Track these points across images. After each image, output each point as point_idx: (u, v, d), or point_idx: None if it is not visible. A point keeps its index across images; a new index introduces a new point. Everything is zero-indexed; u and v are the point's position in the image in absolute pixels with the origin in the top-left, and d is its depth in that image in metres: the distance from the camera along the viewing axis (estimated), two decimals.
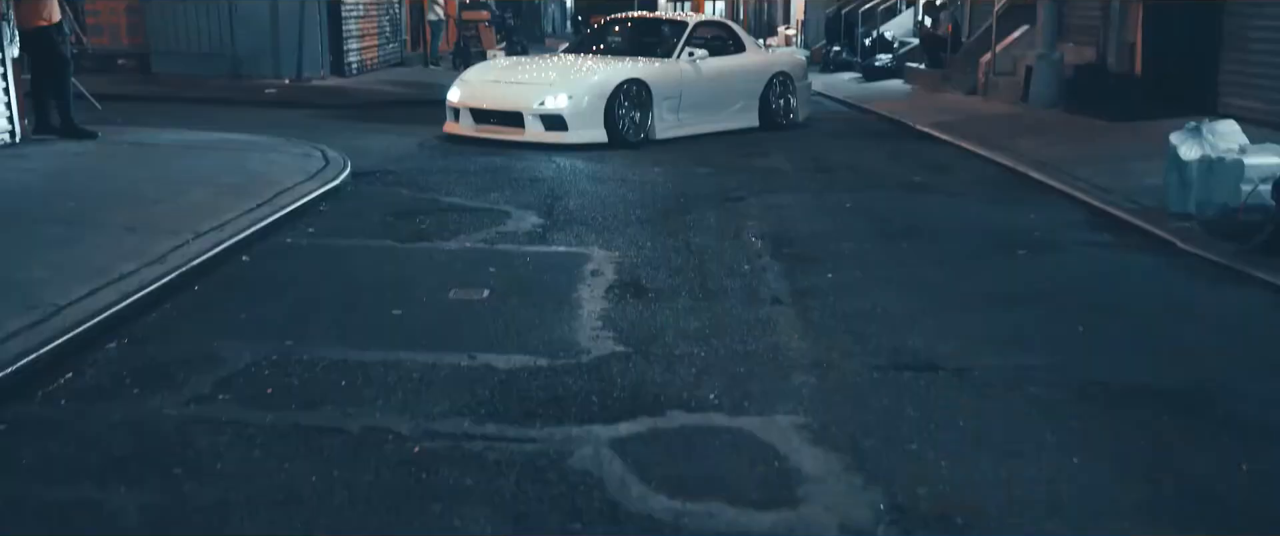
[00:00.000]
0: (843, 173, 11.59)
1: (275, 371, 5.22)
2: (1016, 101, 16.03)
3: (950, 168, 12.03)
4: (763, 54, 15.61)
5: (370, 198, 9.57)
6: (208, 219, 7.76)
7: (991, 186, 10.91)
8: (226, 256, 7.17)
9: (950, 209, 9.81)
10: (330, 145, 11.51)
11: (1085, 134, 13.08)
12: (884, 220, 9.15)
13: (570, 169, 11.28)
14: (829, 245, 8.15)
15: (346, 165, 10.35)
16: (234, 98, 16.91)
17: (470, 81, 13.61)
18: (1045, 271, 7.58)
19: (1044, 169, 11.18)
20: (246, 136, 11.80)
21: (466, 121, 13.13)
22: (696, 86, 13.77)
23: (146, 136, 11.42)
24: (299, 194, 8.95)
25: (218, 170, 9.66)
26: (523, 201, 9.50)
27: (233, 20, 18.54)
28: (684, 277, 7.10)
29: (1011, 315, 6.45)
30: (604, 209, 9.28)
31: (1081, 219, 9.30)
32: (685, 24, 14.69)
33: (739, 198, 9.98)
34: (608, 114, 12.65)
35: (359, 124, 14.55)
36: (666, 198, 9.89)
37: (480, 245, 7.89)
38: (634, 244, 8.01)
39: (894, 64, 22.24)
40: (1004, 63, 17.51)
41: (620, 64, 13.45)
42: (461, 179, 10.53)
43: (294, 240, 7.90)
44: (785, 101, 15.08)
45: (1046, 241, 8.42)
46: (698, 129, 13.81)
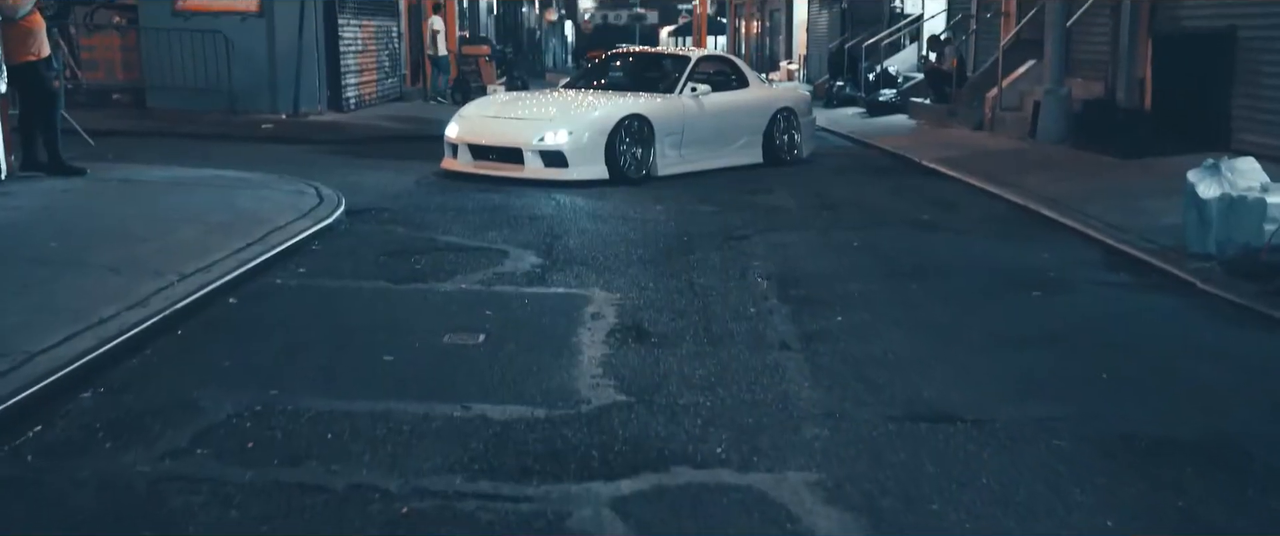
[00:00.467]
0: (848, 210, 11.33)
1: (257, 423, 4.94)
2: (1024, 137, 15.80)
3: (958, 205, 11.78)
4: (766, 89, 15.39)
5: (364, 236, 9.31)
6: (195, 259, 7.50)
7: (1001, 224, 10.66)
8: (213, 298, 6.90)
9: (959, 247, 9.56)
10: (325, 182, 11.26)
11: (1095, 170, 12.84)
12: (892, 259, 8.88)
13: (570, 206, 11.03)
14: (836, 286, 7.88)
15: (341, 202, 10.10)
16: (229, 133, 16.67)
17: (469, 117, 13.38)
18: (1061, 313, 7.31)
19: (1055, 206, 10.93)
20: (239, 173, 11.56)
21: (465, 157, 12.89)
22: (699, 122, 13.54)
23: (136, 173, 11.17)
24: (291, 232, 8.70)
25: (208, 208, 9.41)
26: (521, 240, 9.24)
27: (229, 55, 18.31)
28: (688, 321, 6.84)
29: (1029, 360, 6.17)
30: (605, 248, 9.02)
31: (1096, 258, 9.04)
32: (688, 58, 14.47)
33: (743, 236, 9.72)
34: (609, 150, 12.42)
35: (355, 160, 14.31)
36: (669, 236, 9.64)
37: (477, 286, 7.63)
38: (636, 285, 7.75)
39: (898, 99, 22.04)
40: (1010, 97, 17.29)
41: (622, 99, 13.22)
42: (459, 217, 10.28)
43: (284, 281, 7.64)
44: (789, 137, 14.84)
45: (1061, 281, 8.16)
46: (700, 165, 13.57)
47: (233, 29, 18.51)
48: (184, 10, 18.73)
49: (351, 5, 20.58)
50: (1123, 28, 15.16)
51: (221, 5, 18.79)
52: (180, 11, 18.72)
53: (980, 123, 17.73)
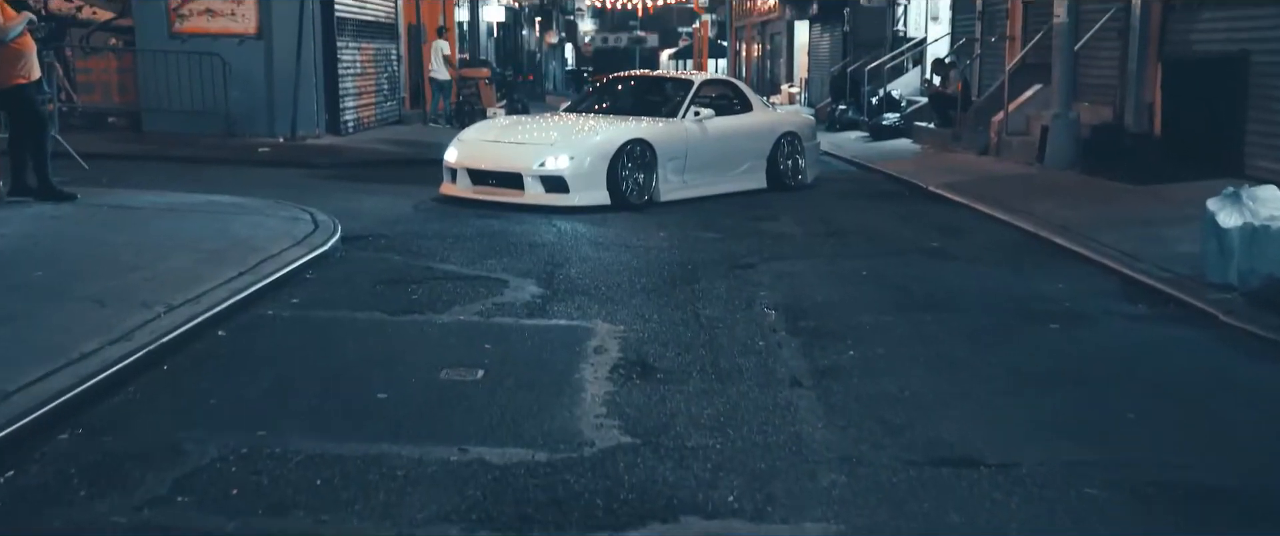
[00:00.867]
0: (855, 237, 11.09)
1: (243, 467, 4.69)
2: (1031, 162, 15.57)
3: (967, 231, 11.53)
4: (770, 113, 15.16)
5: (360, 264, 9.06)
6: (184, 289, 7.25)
7: (1013, 252, 10.40)
8: (201, 331, 6.64)
9: (972, 277, 9.30)
10: (321, 207, 11.02)
11: (1105, 197, 12.60)
12: (903, 289, 8.63)
13: (571, 233, 10.79)
14: (847, 317, 7.63)
15: (337, 229, 9.85)
16: (226, 157, 16.44)
17: (468, 141, 13.14)
18: (1082, 347, 7.05)
19: (1066, 233, 10.68)
20: (234, 198, 11.31)
21: (464, 182, 12.65)
22: (702, 147, 13.30)
23: (128, 198, 10.92)
24: (284, 261, 8.44)
25: (200, 235, 9.15)
26: (521, 269, 8.99)
27: (226, 78, 18.08)
28: (694, 355, 6.58)
29: (1052, 399, 5.92)
30: (607, 277, 8.77)
31: (1113, 288, 8.79)
32: (691, 82, 14.24)
33: (749, 264, 9.47)
34: (610, 175, 12.18)
35: (353, 184, 14.07)
36: (673, 264, 9.38)
37: (475, 318, 7.38)
38: (639, 316, 7.50)
39: (902, 123, 21.82)
40: (1016, 122, 17.07)
41: (623, 124, 12.99)
42: (457, 244, 10.03)
43: (276, 312, 7.38)
44: (793, 162, 14.61)
45: (1078, 313, 7.91)
46: (704, 191, 13.33)
47: (230, 51, 18.29)
48: (181, 33, 18.52)
49: (350, 28, 20.37)
50: (1131, 52, 14.95)
51: (219, 28, 18.58)
52: (177, 34, 18.51)
53: (986, 147, 17.50)
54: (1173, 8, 14.49)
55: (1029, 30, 18.82)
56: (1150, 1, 14.67)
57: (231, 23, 18.59)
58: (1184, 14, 14.27)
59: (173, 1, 18.54)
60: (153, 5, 18.43)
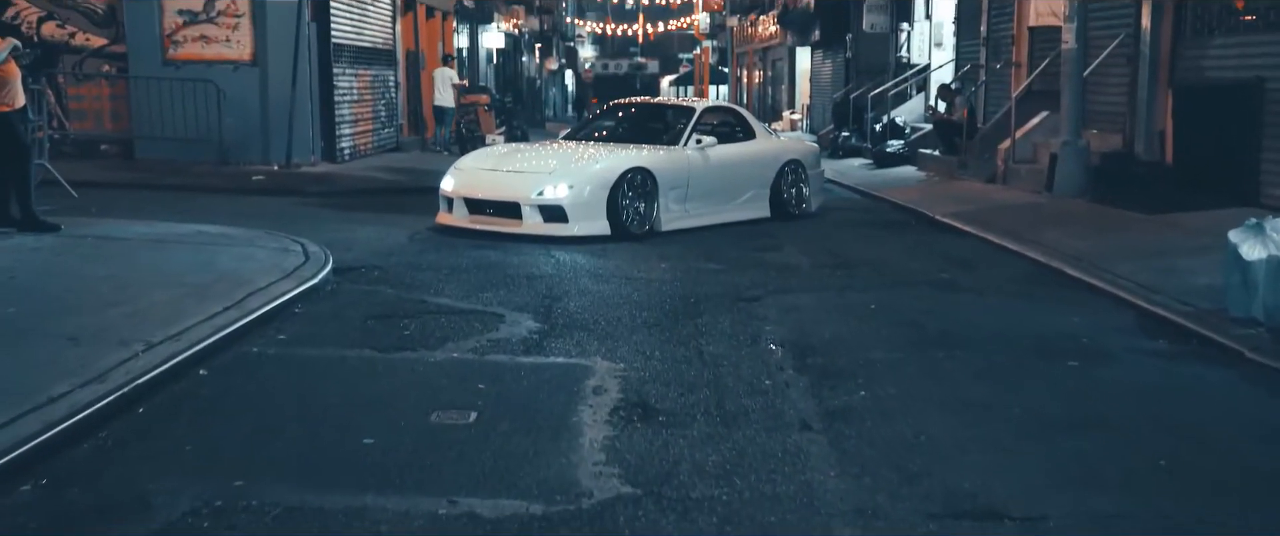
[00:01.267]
0: (862, 268, 10.78)
1: (216, 523, 4.37)
2: (1039, 190, 15.27)
3: (977, 263, 11.23)
4: (773, 141, 14.87)
5: (351, 298, 8.75)
6: (165, 325, 6.94)
7: (1025, 284, 10.09)
8: (181, 371, 6.33)
9: (984, 310, 8.99)
10: (313, 237, 10.75)
11: (1118, 226, 12.29)
12: (914, 324, 8.32)
13: (570, 265, 10.49)
14: (857, 354, 7.32)
15: (328, 261, 9.56)
16: (219, 185, 16.17)
17: (465, 169, 12.85)
18: (1103, 387, 6.73)
19: (1079, 264, 10.38)
20: (224, 228, 11.02)
21: (460, 212, 12.36)
22: (705, 175, 13.02)
23: (114, 229, 10.62)
24: (271, 295, 8.14)
25: (185, 268, 8.85)
26: (518, 302, 8.69)
27: (221, 105, 17.82)
28: (698, 396, 6.27)
29: (1076, 444, 5.60)
30: (607, 311, 8.47)
31: (1131, 323, 8.48)
32: (692, 109, 13.97)
33: (754, 298, 9.17)
34: (611, 205, 11.89)
35: (347, 213, 13.78)
36: (675, 298, 9.08)
37: (469, 355, 7.06)
38: (640, 353, 7.19)
39: (906, 150, 21.54)
40: (1023, 150, 16.79)
41: (624, 152, 12.70)
42: (452, 276, 9.73)
43: (261, 349, 7.07)
44: (797, 190, 14.33)
45: (1097, 350, 7.60)
46: (706, 220, 13.04)
47: (225, 78, 18.04)
48: (175, 59, 18.29)
49: (347, 54, 20.12)
50: (1141, 79, 14.70)
51: (214, 54, 18.35)
52: (171, 61, 18.29)
53: (992, 175, 17.22)
54: (1183, 34, 14.24)
55: (1035, 57, 18.57)
56: (1160, 27, 14.42)
57: (226, 49, 18.35)
58: (1195, 40, 14.02)
59: (167, 28, 18.33)
60: (146, 31, 18.21)
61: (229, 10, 18.33)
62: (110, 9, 18.50)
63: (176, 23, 18.36)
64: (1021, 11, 19.01)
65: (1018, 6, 19.23)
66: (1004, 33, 20.05)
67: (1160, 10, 14.42)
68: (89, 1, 18.49)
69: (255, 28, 18.28)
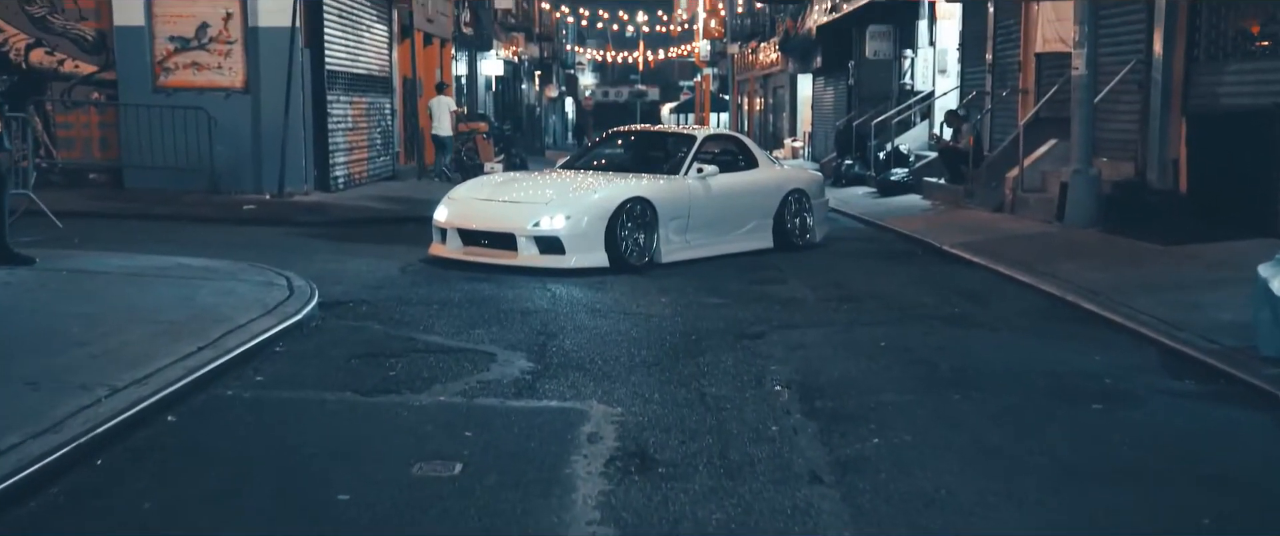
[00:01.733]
0: (870, 302, 10.37)
1: None
2: (1049, 220, 14.87)
3: (988, 296, 10.82)
4: (776, 169, 14.48)
5: (336, 335, 8.35)
6: (134, 367, 6.53)
7: (1040, 319, 9.69)
8: (146, 417, 5.92)
9: (999, 348, 8.58)
10: (301, 269, 10.38)
11: (1133, 258, 11.89)
12: (926, 363, 7.91)
13: (567, 299, 10.09)
14: (868, 396, 6.91)
15: (313, 295, 9.16)
16: (208, 215, 15.80)
17: (459, 199, 12.47)
18: (1132, 432, 6.31)
19: (1096, 298, 9.97)
20: (208, 261, 10.63)
21: (454, 243, 11.98)
22: (706, 205, 12.64)
23: (92, 262, 10.22)
24: (251, 332, 7.74)
25: (162, 304, 8.45)
26: (511, 340, 8.28)
27: (212, 133, 17.47)
28: (700, 444, 5.86)
29: (1109, 497, 5.18)
30: (604, 349, 8.06)
31: (1154, 362, 8.06)
32: (693, 137, 13.58)
33: (758, 334, 8.76)
34: (609, 236, 11.50)
35: (338, 244, 13.39)
36: (675, 334, 8.67)
37: (457, 398, 6.66)
38: (639, 396, 6.78)
39: (910, 178, 21.16)
40: (1032, 178, 16.41)
41: (623, 181, 12.32)
42: (443, 311, 9.33)
43: (235, 392, 6.66)
44: (801, 221, 13.94)
45: (1122, 391, 7.19)
46: (707, 251, 12.65)
47: (216, 106, 17.70)
48: (166, 87, 17.97)
49: (342, 82, 19.77)
50: (1153, 106, 14.32)
51: (205, 81, 18.02)
52: (162, 88, 17.97)
53: (1000, 204, 16.83)
54: (1197, 60, 13.88)
55: (1043, 83, 18.22)
56: (1172, 54, 14.06)
57: (218, 76, 18.02)
58: (1209, 66, 13.65)
59: (158, 54, 18.01)
60: (137, 58, 17.87)
61: (221, 37, 18.00)
62: (100, 35, 18.16)
63: (168, 49, 18.02)
64: (1028, 38, 18.65)
65: (1024, 33, 18.88)
66: (1010, 59, 19.70)
67: (1172, 36, 14.06)
68: (78, 28, 18.16)
69: (248, 55, 17.94)
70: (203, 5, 17.99)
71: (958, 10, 23.03)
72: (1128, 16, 15.45)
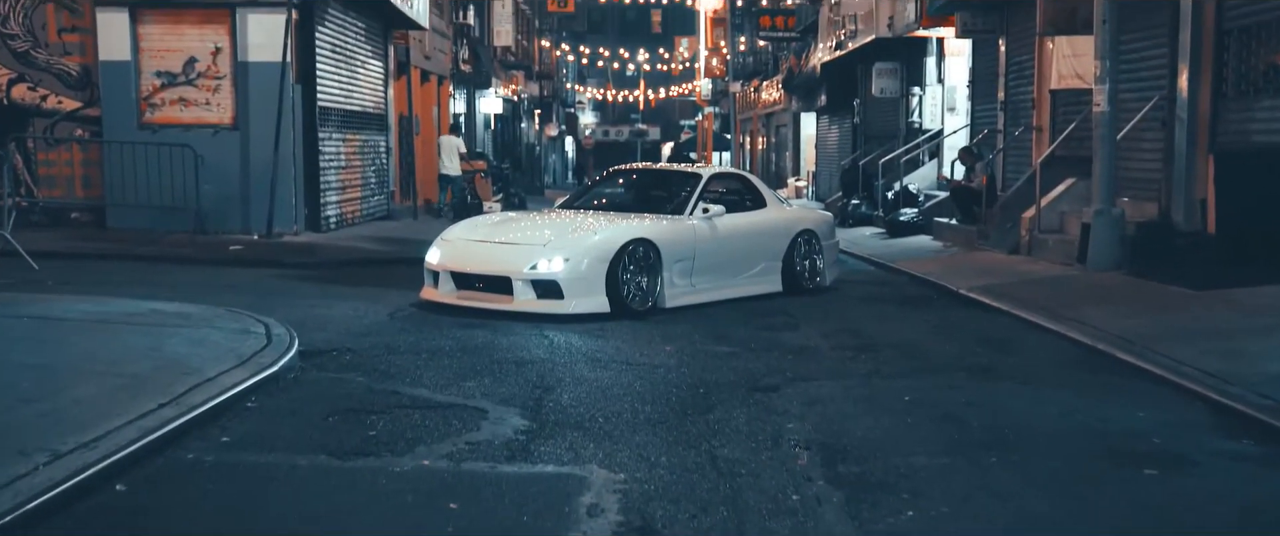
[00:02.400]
0: (889, 351, 9.72)
1: None
2: (1070, 262, 14.23)
3: (1014, 344, 10.17)
4: (784, 210, 13.85)
5: (315, 388, 7.70)
6: (83, 428, 5.88)
7: (1072, 369, 9.03)
8: (92, 486, 5.26)
9: (1032, 402, 7.91)
10: (284, 315, 9.76)
11: (1165, 304, 11.24)
12: (956, 420, 7.26)
13: (565, 347, 9.44)
14: (896, 459, 6.26)
15: (293, 344, 8.52)
16: (193, 256, 15.18)
17: (452, 240, 11.85)
18: (1193, 502, 5.66)
19: (1131, 348, 9.32)
20: (183, 306, 9.99)
21: (447, 287, 11.35)
22: (712, 247, 12.01)
23: (59, 307, 9.57)
24: (221, 386, 7.09)
25: (126, 354, 7.81)
26: (504, 394, 7.64)
27: (198, 171, 16.88)
28: (713, 518, 5.21)
29: None
30: (605, 404, 7.41)
31: (1205, 419, 7.41)
32: (698, 176, 12.96)
33: (772, 387, 8.11)
34: (610, 279, 10.88)
35: (326, 287, 12.77)
36: (682, 387, 8.02)
37: (443, 463, 6.00)
38: (644, 459, 6.13)
39: (920, 218, 20.56)
40: (1049, 219, 15.79)
41: (625, 222, 11.69)
42: (432, 361, 8.69)
43: (197, 456, 6.00)
44: (811, 263, 13.33)
45: (1174, 454, 6.53)
46: (713, 295, 12.02)
47: (203, 143, 17.14)
48: (151, 123, 17.41)
49: (335, 118, 19.17)
50: (1178, 143, 13.73)
51: (192, 118, 17.47)
52: (147, 124, 17.41)
53: (1016, 246, 16.21)
54: (1224, 96, 13.29)
55: (1058, 121, 17.65)
56: (1198, 89, 13.48)
57: (206, 113, 17.46)
58: (1239, 102, 13.06)
59: (144, 90, 17.45)
60: (122, 94, 17.32)
61: (209, 72, 17.45)
62: (85, 71, 17.59)
63: (154, 85, 17.46)
64: (1043, 74, 18.09)
65: (1038, 69, 18.33)
66: (1023, 97, 19.13)
67: (1198, 71, 13.48)
68: (62, 63, 17.59)
69: (236, 90, 17.39)
70: (191, 40, 17.46)
71: (967, 47, 22.52)
72: (1149, 51, 14.90)
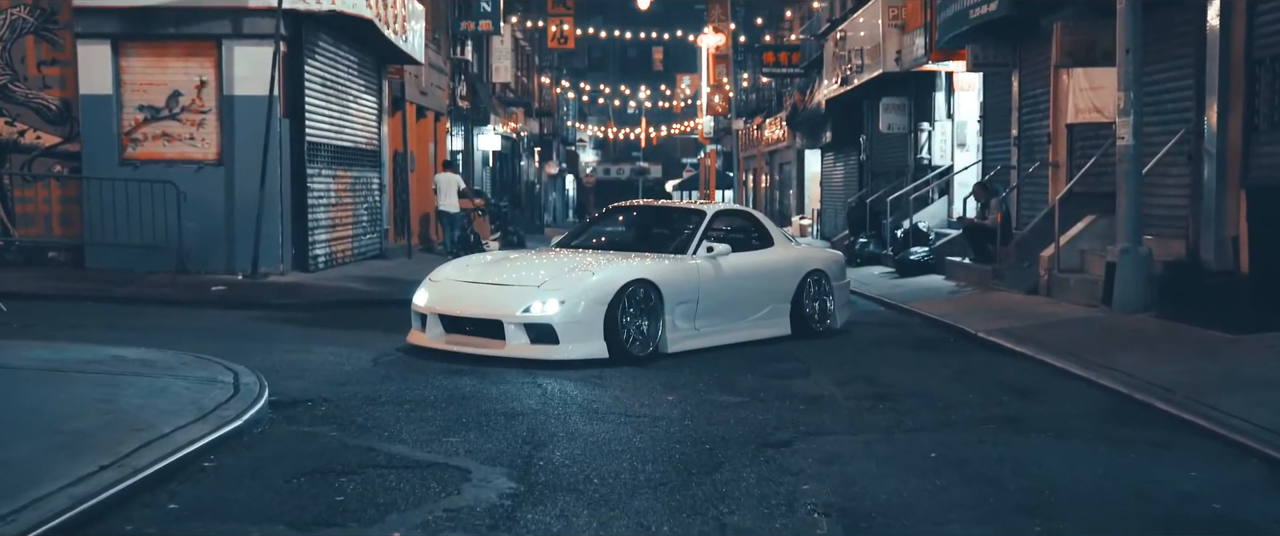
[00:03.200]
0: (909, 401, 9.00)
1: None
2: (1094, 303, 13.52)
3: (1041, 393, 9.46)
4: (793, 248, 13.15)
5: (282, 445, 6.99)
6: (7, 497, 5.17)
7: (1109, 422, 8.31)
8: None
9: (1071, 460, 7.18)
10: (259, 361, 9.12)
11: (1202, 349, 10.53)
12: (990, 480, 6.56)
13: (559, 397, 8.74)
14: (926, 528, 5.58)
15: (263, 393, 7.82)
16: (173, 297, 14.51)
17: (441, 281, 11.16)
18: None
19: (1172, 397, 8.62)
20: (150, 352, 9.29)
21: (435, 330, 10.66)
22: (717, 288, 11.32)
23: (10, 354, 8.84)
24: (174, 444, 6.39)
25: (75, 407, 7.10)
26: (490, 451, 6.93)
27: (181, 208, 16.20)
28: None
29: None
30: (602, 463, 6.71)
31: (1265, 479, 6.70)
32: (703, 213, 12.25)
33: (784, 442, 7.40)
34: (608, 323, 10.18)
35: (308, 330, 12.07)
36: (686, 443, 7.31)
37: (416, 535, 5.29)
38: (644, 529, 5.45)
39: (931, 257, 19.86)
40: (1068, 258, 15.10)
41: (625, 262, 10.99)
42: (415, 413, 7.98)
43: (136, 528, 5.29)
44: (821, 304, 12.64)
45: (1237, 522, 5.84)
46: (718, 340, 11.33)
47: (186, 179, 16.48)
48: (133, 159, 16.77)
49: (325, 154, 18.48)
50: (1206, 179, 13.06)
51: (176, 153, 16.84)
52: (129, 160, 16.78)
53: (1034, 286, 15.52)
54: (1256, 128, 12.63)
55: (1075, 156, 16.98)
56: (1228, 122, 12.82)
57: (190, 148, 16.83)
58: (1272, 135, 12.39)
59: (126, 125, 16.85)
60: (103, 129, 16.70)
61: (194, 106, 16.84)
62: (65, 105, 16.98)
63: (136, 119, 16.83)
64: (1058, 108, 17.44)
65: (1054, 103, 17.67)
66: (1038, 131, 18.47)
67: (1228, 103, 12.82)
68: (41, 97, 16.97)
69: (222, 125, 16.77)
70: (175, 72, 16.85)
71: (977, 81, 21.89)
72: (1173, 83, 14.26)
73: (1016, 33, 18.29)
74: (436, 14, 27.98)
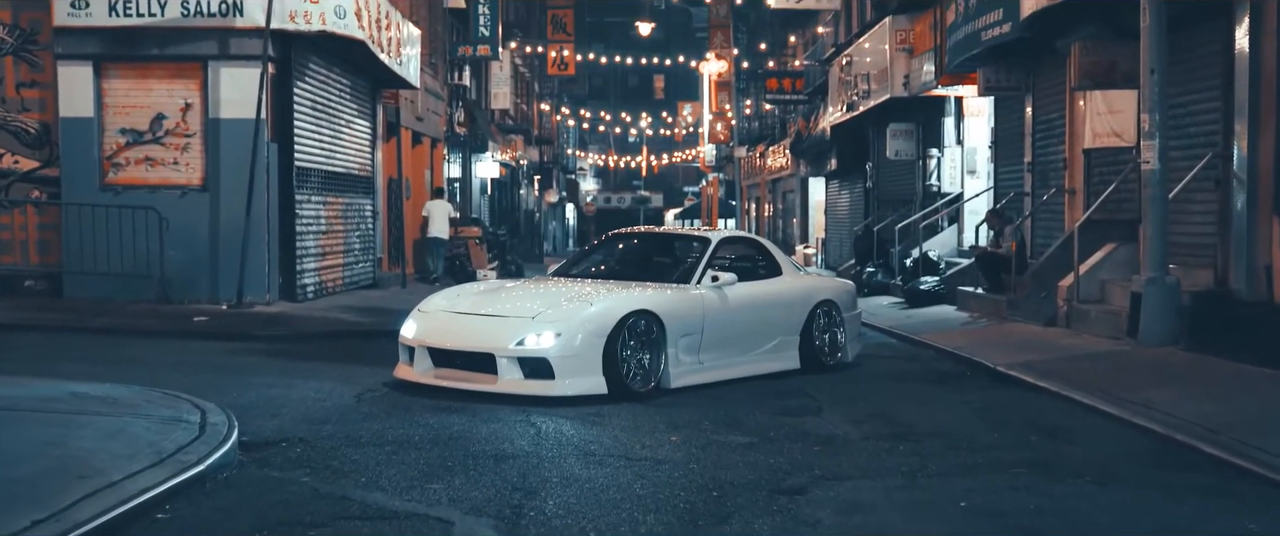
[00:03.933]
0: (930, 442, 8.34)
1: None
2: (1118, 336, 12.87)
3: (1074, 433, 8.80)
4: (802, 278, 12.49)
5: (248, 492, 6.35)
6: None
7: (1150, 466, 7.65)
8: None
9: (1116, 511, 6.54)
10: (229, 399, 8.52)
11: (1240, 385, 9.89)
12: (1028, 533, 5.90)
13: (554, 437, 8.09)
14: None
15: (231, 434, 7.20)
16: (152, 328, 13.87)
17: (431, 312, 10.53)
18: None
19: (1215, 439, 7.97)
20: (112, 388, 8.65)
21: (423, 364, 10.02)
22: (722, 320, 10.68)
23: None
24: (124, 494, 5.75)
25: (19, 451, 6.46)
26: (476, 499, 6.29)
27: (164, 235, 15.60)
28: None
29: None
30: (599, 513, 6.07)
31: None
32: (707, 241, 11.60)
33: (798, 489, 6.75)
34: (608, 356, 9.54)
35: (291, 364, 11.42)
36: (691, 489, 6.67)
37: None
38: None
39: (942, 287, 19.21)
40: (1089, 288, 14.46)
41: (625, 292, 10.35)
42: (396, 455, 7.34)
43: None
44: (831, 337, 12.00)
45: None
46: (724, 374, 10.69)
47: (169, 205, 15.89)
48: (114, 184, 16.16)
49: (314, 180, 17.86)
50: (1236, 205, 12.42)
51: (159, 179, 16.26)
52: (110, 185, 16.17)
53: (1052, 317, 14.87)
54: None
55: (1093, 182, 16.34)
56: (1258, 145, 12.19)
57: (173, 173, 16.24)
58: None
59: (107, 149, 16.28)
60: (83, 153, 16.12)
61: (178, 130, 16.26)
62: (44, 128, 16.37)
63: (118, 143, 16.25)
64: (1075, 133, 16.81)
65: (1069, 128, 17.05)
66: (1053, 157, 17.85)
67: (1258, 127, 12.20)
68: (20, 120, 16.36)
69: (207, 149, 16.19)
70: (159, 95, 16.28)
71: (988, 106, 21.28)
72: (1198, 106, 13.65)
73: (1030, 55, 17.69)
74: (433, 38, 27.45)
